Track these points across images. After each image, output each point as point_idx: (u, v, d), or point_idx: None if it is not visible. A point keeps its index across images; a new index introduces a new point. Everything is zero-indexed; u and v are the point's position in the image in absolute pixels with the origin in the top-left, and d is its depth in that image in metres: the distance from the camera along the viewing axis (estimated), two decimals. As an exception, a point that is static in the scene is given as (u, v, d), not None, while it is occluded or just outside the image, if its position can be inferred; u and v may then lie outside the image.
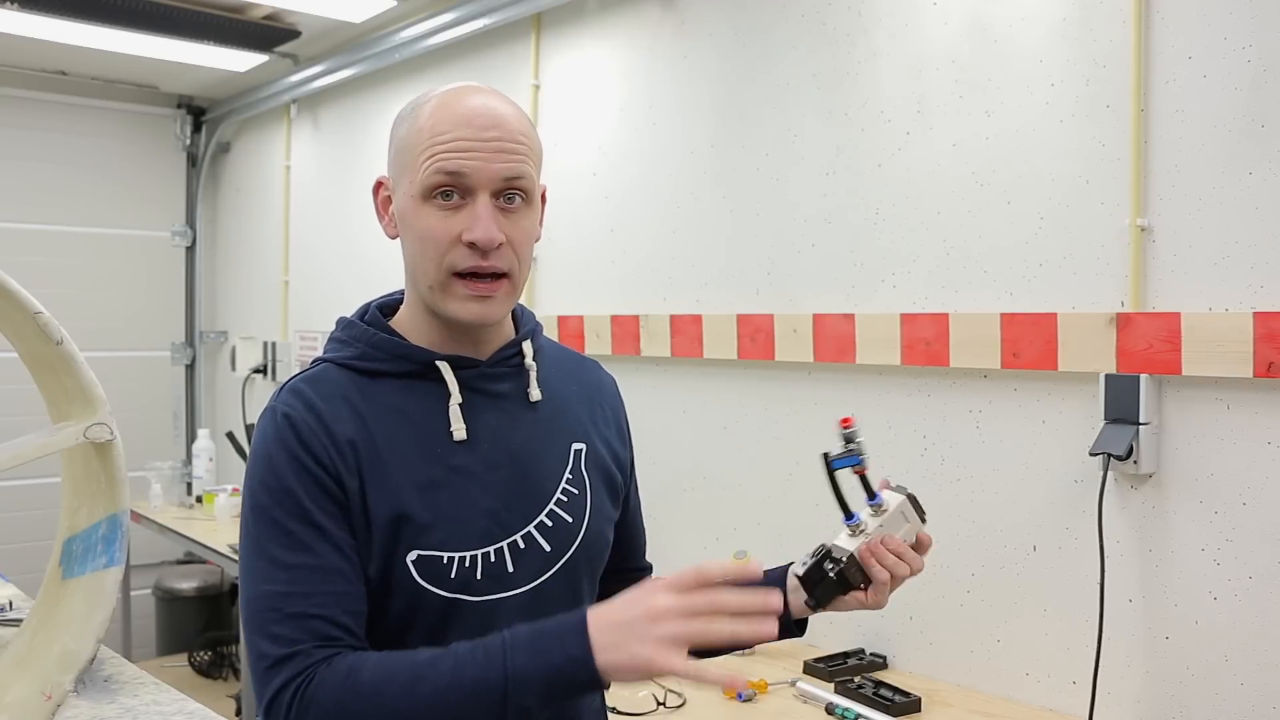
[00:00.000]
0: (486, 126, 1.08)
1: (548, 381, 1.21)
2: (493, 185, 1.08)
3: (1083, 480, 1.88)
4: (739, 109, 2.51)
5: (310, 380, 1.14)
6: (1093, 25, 1.86)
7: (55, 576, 1.37)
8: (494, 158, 1.08)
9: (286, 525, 1.05)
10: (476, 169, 1.07)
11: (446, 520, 1.09)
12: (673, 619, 0.94)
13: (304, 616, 1.02)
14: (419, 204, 1.10)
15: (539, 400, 1.19)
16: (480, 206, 1.08)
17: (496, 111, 1.10)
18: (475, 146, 1.07)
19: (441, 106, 1.10)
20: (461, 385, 1.14)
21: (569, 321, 2.93)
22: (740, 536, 2.46)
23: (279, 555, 1.05)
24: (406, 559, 1.07)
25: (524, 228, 1.11)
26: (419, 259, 1.12)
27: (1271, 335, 1.62)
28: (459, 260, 1.09)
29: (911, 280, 2.15)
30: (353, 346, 1.16)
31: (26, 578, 2.47)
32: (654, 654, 0.93)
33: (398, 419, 1.12)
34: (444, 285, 1.10)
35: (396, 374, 1.14)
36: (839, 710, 1.90)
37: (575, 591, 1.18)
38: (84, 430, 1.30)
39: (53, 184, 4.65)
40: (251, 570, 1.07)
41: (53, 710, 1.28)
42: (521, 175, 1.09)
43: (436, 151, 1.08)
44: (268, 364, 4.50)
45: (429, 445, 1.11)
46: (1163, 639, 1.79)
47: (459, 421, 1.12)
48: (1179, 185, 1.76)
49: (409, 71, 3.64)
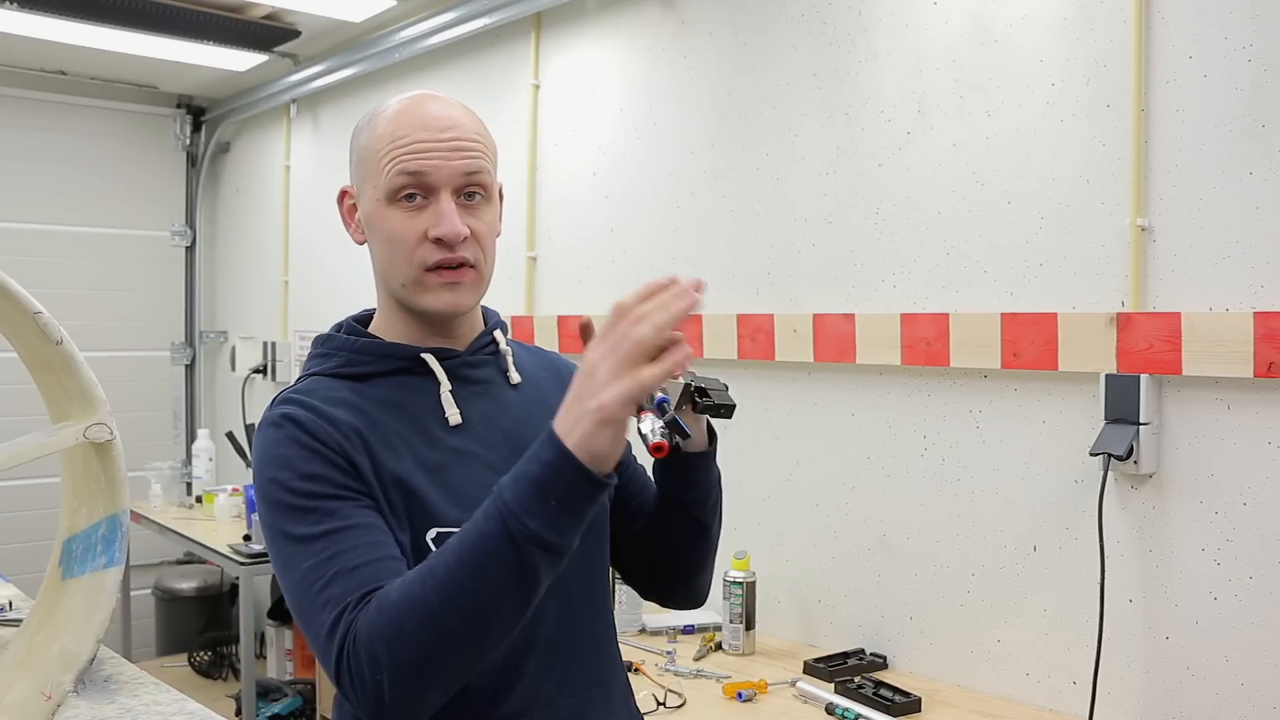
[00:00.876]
0: (443, 128, 1.14)
1: (522, 368, 1.27)
2: (453, 182, 1.14)
3: (1083, 480, 1.88)
4: (739, 109, 2.51)
5: (302, 390, 1.16)
6: (1093, 25, 1.86)
7: (55, 576, 1.37)
8: (452, 156, 1.13)
9: (307, 505, 1.06)
10: (437, 168, 1.13)
11: (460, 498, 1.12)
12: (604, 361, 0.95)
13: (346, 571, 1.02)
14: (384, 207, 1.15)
15: (519, 383, 1.25)
16: (443, 203, 1.13)
17: (451, 114, 1.16)
18: (434, 147, 1.13)
19: (399, 114, 1.16)
20: (447, 375, 1.19)
21: (569, 321, 2.93)
22: (740, 536, 2.46)
23: (307, 532, 1.05)
24: (427, 537, 1.10)
25: (486, 221, 1.17)
26: (390, 260, 1.16)
27: (1272, 335, 1.62)
28: (428, 256, 1.14)
29: (912, 280, 2.15)
30: (336, 356, 1.20)
31: (26, 578, 2.47)
32: (604, 399, 0.93)
33: (394, 411, 1.16)
34: (417, 281, 1.15)
35: (384, 373, 1.18)
36: (839, 710, 1.90)
37: (589, 562, 1.21)
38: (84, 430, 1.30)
39: (52, 184, 4.65)
40: (286, 558, 1.06)
41: (53, 710, 1.28)
42: (479, 170, 1.15)
43: (398, 154, 1.13)
44: (267, 364, 4.50)
45: (428, 432, 1.15)
46: (1163, 639, 1.79)
47: (452, 407, 1.17)
48: (1179, 185, 1.76)
49: (409, 71, 3.64)
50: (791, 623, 2.40)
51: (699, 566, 1.32)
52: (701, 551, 1.31)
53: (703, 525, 1.27)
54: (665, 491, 1.25)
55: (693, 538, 1.28)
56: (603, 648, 1.24)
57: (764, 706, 1.99)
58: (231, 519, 3.78)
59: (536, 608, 1.11)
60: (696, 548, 1.30)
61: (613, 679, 1.24)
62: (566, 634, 1.18)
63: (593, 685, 1.20)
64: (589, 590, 1.22)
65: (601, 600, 1.26)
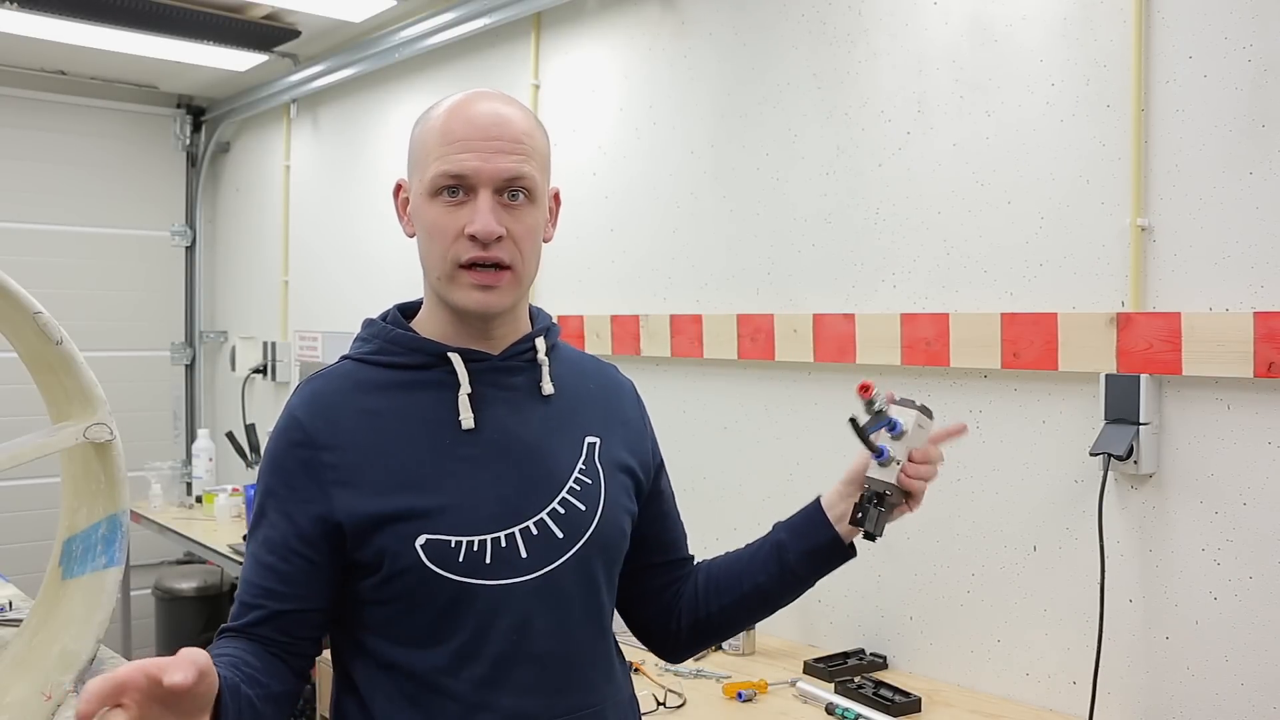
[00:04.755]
0: (489, 127, 1.15)
1: (562, 379, 1.25)
2: (493, 183, 1.14)
3: (1083, 480, 1.88)
4: (739, 109, 2.51)
5: (324, 377, 1.21)
6: (1093, 25, 1.86)
7: (55, 576, 1.38)
8: (494, 157, 1.14)
9: (266, 516, 1.16)
10: (477, 169, 1.13)
11: (454, 505, 1.13)
12: None
13: (238, 600, 1.16)
14: (427, 201, 1.16)
15: (551, 394, 1.23)
16: (481, 201, 1.14)
17: (501, 114, 1.16)
18: (477, 147, 1.14)
19: (451, 110, 1.17)
20: (473, 378, 1.18)
21: (569, 321, 2.93)
22: (740, 536, 2.44)
23: (253, 547, 1.17)
24: (415, 543, 1.11)
25: (527, 224, 1.17)
26: (428, 253, 1.18)
27: (1272, 335, 1.62)
28: (462, 252, 1.14)
29: (912, 280, 2.15)
30: (371, 343, 1.22)
31: (26, 578, 2.47)
32: None
33: (407, 409, 1.17)
34: (450, 276, 1.16)
35: (410, 366, 1.20)
36: (839, 710, 1.90)
37: (589, 580, 1.20)
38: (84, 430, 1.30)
39: (53, 184, 4.64)
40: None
41: (53, 710, 1.28)
42: (521, 174, 1.15)
43: (443, 152, 1.14)
44: (267, 364, 4.50)
45: (438, 434, 1.16)
46: (1163, 639, 1.79)
47: (467, 411, 1.17)
48: (1179, 185, 1.76)
49: (409, 71, 3.64)
50: (791, 623, 2.40)
51: (721, 638, 1.38)
52: (740, 628, 1.38)
53: (773, 609, 1.32)
54: (788, 563, 1.27)
55: (753, 616, 1.34)
56: (599, 667, 1.22)
57: (764, 706, 1.99)
58: (231, 519, 3.78)
59: (526, 624, 1.14)
60: (745, 624, 1.37)
61: (607, 699, 1.21)
62: (558, 651, 1.16)
63: (583, 706, 1.18)
64: (589, 610, 1.20)
65: (601, 621, 1.23)
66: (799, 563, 1.27)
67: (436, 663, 1.13)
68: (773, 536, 1.31)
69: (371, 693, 1.15)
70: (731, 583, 1.30)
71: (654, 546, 1.33)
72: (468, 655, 1.13)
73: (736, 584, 1.30)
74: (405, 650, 1.14)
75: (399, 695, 1.14)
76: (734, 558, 1.33)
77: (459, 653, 1.13)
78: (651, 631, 1.36)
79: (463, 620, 1.12)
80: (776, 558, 1.28)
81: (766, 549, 1.29)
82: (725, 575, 1.31)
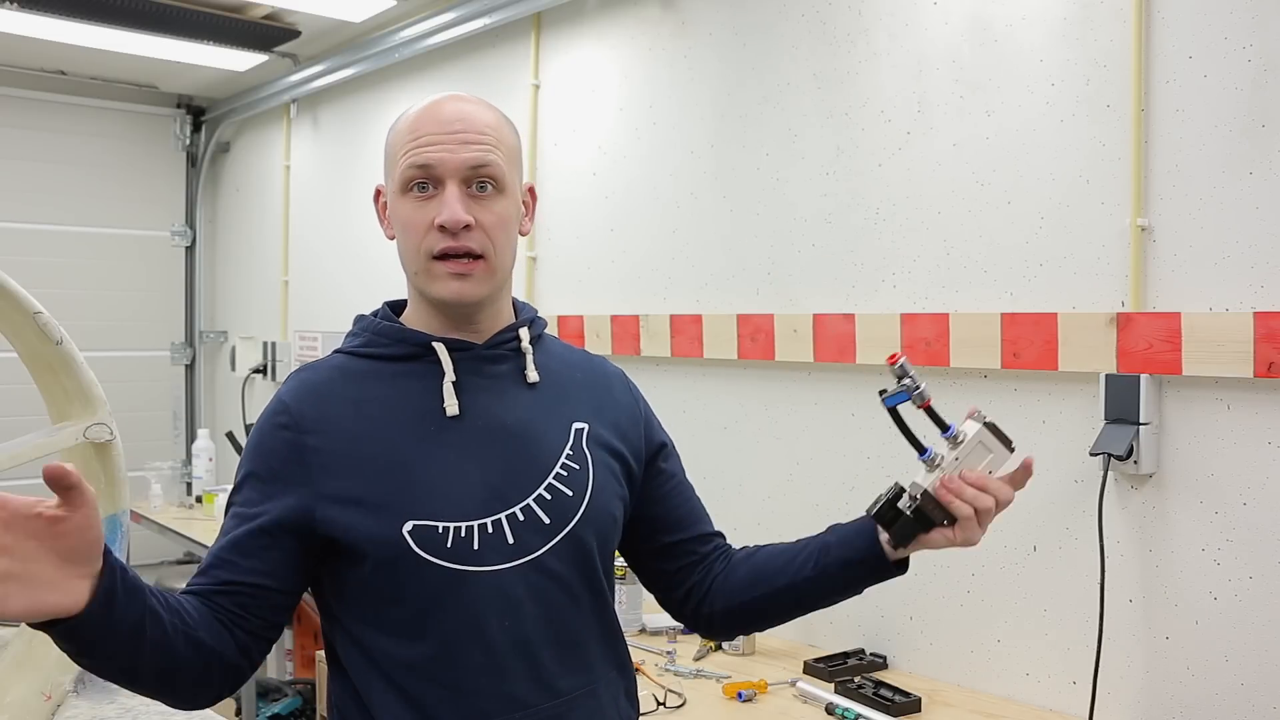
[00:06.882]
0: (453, 121, 1.18)
1: (548, 368, 1.27)
2: (459, 173, 1.17)
3: (1083, 480, 1.88)
4: (739, 109, 2.51)
5: (313, 368, 1.25)
6: (1093, 25, 1.86)
7: (55, 576, 1.37)
8: (459, 149, 1.17)
9: (241, 492, 1.17)
10: (442, 159, 1.17)
11: (441, 492, 1.14)
12: None
13: (205, 566, 1.16)
14: (399, 198, 1.20)
15: (537, 382, 1.25)
16: (448, 193, 1.17)
17: (465, 109, 1.20)
18: (441, 140, 1.17)
19: (419, 112, 1.21)
20: (457, 367, 1.21)
21: (569, 321, 2.93)
22: (740, 537, 2.44)
23: (225, 521, 1.18)
24: (403, 529, 1.12)
25: (496, 213, 1.19)
26: (403, 249, 1.22)
27: (1272, 335, 1.62)
28: (434, 244, 1.18)
29: (912, 280, 2.15)
30: (360, 336, 1.26)
31: (26, 578, 2.46)
32: None
33: (394, 398, 1.19)
34: (426, 269, 1.19)
35: (396, 357, 1.22)
36: (839, 710, 1.90)
37: (581, 565, 1.21)
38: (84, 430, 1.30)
39: (52, 184, 4.64)
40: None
41: (53, 710, 1.28)
42: (486, 163, 1.18)
43: (410, 148, 1.18)
44: (267, 364, 4.50)
45: (423, 421, 1.18)
46: (1163, 639, 1.79)
47: (451, 398, 1.19)
48: (1179, 185, 1.76)
49: (409, 71, 3.64)
50: (791, 623, 2.39)
51: (757, 628, 1.42)
52: (776, 622, 1.39)
53: (810, 609, 1.33)
54: (827, 567, 1.26)
55: (788, 613, 1.35)
56: (593, 650, 1.22)
57: (764, 706, 1.99)
58: (231, 519, 3.77)
59: (515, 609, 1.14)
60: (780, 619, 1.37)
61: (600, 680, 1.22)
62: (548, 636, 1.17)
63: (575, 689, 1.19)
64: (579, 595, 1.21)
65: (594, 604, 1.24)
66: (837, 569, 1.26)
67: (427, 650, 1.14)
68: (822, 537, 1.29)
69: (366, 684, 1.16)
70: (771, 575, 1.29)
71: (665, 525, 1.34)
72: (458, 642, 1.13)
73: (775, 577, 1.29)
74: (396, 640, 1.15)
75: (392, 685, 1.14)
76: (780, 550, 1.32)
77: (449, 639, 1.13)
78: (684, 613, 1.37)
79: (452, 607, 1.13)
80: (817, 559, 1.26)
81: (811, 548, 1.28)
82: (768, 565, 1.31)
